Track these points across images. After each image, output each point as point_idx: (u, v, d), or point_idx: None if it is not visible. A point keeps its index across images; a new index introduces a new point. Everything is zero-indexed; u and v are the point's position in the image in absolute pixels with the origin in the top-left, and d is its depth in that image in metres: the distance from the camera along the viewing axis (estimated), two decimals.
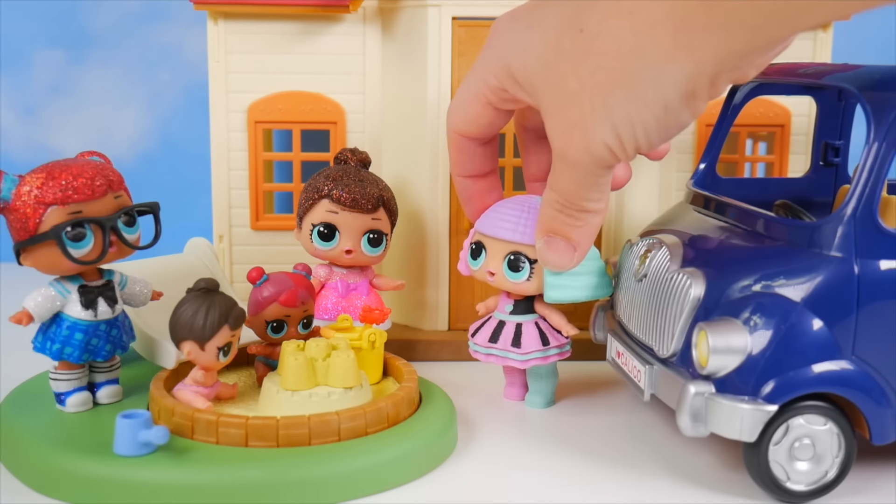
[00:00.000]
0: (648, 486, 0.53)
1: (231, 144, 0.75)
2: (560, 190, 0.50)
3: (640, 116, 0.45)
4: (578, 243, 0.53)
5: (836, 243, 0.50)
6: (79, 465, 0.49)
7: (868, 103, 0.50)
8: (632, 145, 0.46)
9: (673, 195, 0.75)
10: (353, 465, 0.50)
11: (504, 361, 0.61)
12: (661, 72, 0.43)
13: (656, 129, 0.45)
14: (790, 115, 0.76)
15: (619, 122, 0.45)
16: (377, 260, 0.67)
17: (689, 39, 0.42)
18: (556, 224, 0.52)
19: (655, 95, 0.44)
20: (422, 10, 0.71)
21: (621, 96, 0.44)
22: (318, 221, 0.65)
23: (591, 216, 0.52)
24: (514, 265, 0.59)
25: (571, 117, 0.46)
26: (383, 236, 0.67)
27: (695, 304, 0.52)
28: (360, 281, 0.67)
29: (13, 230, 0.52)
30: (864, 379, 0.50)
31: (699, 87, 0.44)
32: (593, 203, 0.51)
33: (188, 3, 0.72)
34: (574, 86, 0.45)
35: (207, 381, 0.54)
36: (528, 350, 0.60)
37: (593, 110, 0.45)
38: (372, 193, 0.65)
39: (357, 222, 0.65)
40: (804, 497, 0.51)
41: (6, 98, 0.99)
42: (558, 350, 0.61)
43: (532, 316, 0.61)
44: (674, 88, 0.43)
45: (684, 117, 0.45)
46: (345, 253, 0.65)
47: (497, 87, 0.51)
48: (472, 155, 0.58)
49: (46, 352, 0.54)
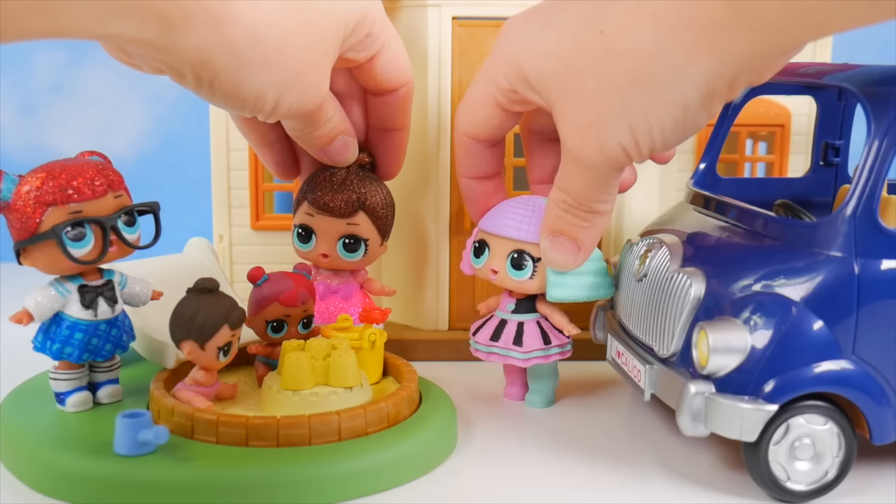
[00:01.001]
0: (648, 486, 0.53)
1: (231, 144, 0.75)
2: (569, 190, 0.50)
3: (658, 117, 0.45)
4: (584, 244, 0.53)
5: (836, 243, 0.50)
6: (79, 465, 0.49)
7: (868, 103, 0.50)
8: (647, 146, 0.46)
9: (673, 195, 0.75)
10: (353, 465, 0.50)
11: (505, 360, 0.61)
12: (683, 72, 0.43)
13: (673, 130, 0.45)
14: (790, 115, 0.76)
15: (636, 122, 0.45)
16: (358, 265, 0.66)
17: (713, 40, 0.42)
18: (562, 224, 0.52)
19: (675, 96, 0.44)
20: (422, 10, 0.71)
21: (640, 96, 0.44)
22: (298, 223, 0.65)
23: (599, 217, 0.52)
24: (517, 263, 0.59)
25: (587, 117, 0.46)
26: (360, 242, 0.65)
27: (695, 303, 0.52)
28: (343, 284, 0.67)
29: (13, 230, 0.52)
30: (864, 379, 0.50)
31: (719, 88, 0.44)
32: (601, 204, 0.51)
33: None
34: (592, 85, 0.45)
35: (207, 381, 0.54)
36: (530, 349, 0.60)
37: (611, 110, 0.45)
38: (348, 199, 0.63)
39: (332, 226, 0.64)
40: (804, 497, 0.51)
41: (6, 98, 0.99)
42: (559, 349, 0.61)
43: (534, 315, 0.61)
44: (694, 89, 0.43)
45: (702, 118, 0.45)
46: (321, 256, 0.65)
47: (507, 88, 0.51)
48: (479, 157, 0.58)
49: (46, 351, 0.54)
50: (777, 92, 0.68)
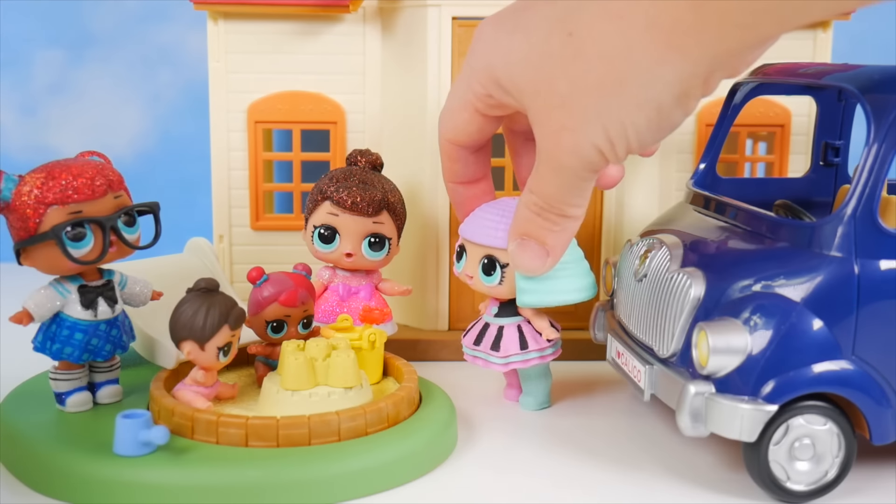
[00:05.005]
0: (648, 486, 0.53)
1: (231, 144, 0.75)
2: (541, 192, 0.50)
3: (632, 118, 0.44)
4: (552, 248, 0.52)
5: (836, 243, 0.50)
6: (79, 465, 0.49)
7: (868, 103, 0.50)
8: (623, 147, 0.45)
9: (673, 195, 0.75)
10: (353, 465, 0.50)
11: (487, 365, 0.61)
12: (653, 74, 0.43)
13: (648, 131, 0.45)
14: (790, 115, 0.76)
15: (610, 123, 0.44)
16: (380, 264, 0.67)
17: (681, 41, 0.42)
18: (531, 227, 0.52)
19: (648, 97, 0.43)
20: (422, 10, 0.71)
21: (613, 99, 0.44)
22: (320, 223, 0.65)
23: (570, 222, 0.51)
24: (486, 269, 0.59)
25: (561, 120, 0.46)
26: (385, 240, 0.66)
27: (695, 304, 0.52)
28: (363, 284, 0.67)
29: (13, 230, 0.52)
30: (864, 379, 0.50)
31: (692, 87, 0.44)
32: (573, 208, 0.50)
33: (188, 3, 0.72)
34: (564, 88, 0.45)
35: (207, 381, 0.54)
36: (507, 353, 0.60)
37: (584, 113, 0.45)
38: (374, 196, 0.65)
39: (357, 225, 0.65)
40: (804, 497, 0.51)
41: (6, 98, 0.99)
42: (539, 353, 0.60)
43: (515, 319, 0.61)
44: (667, 90, 0.43)
45: (677, 117, 0.45)
46: (345, 256, 0.65)
47: (483, 93, 0.51)
48: (463, 162, 0.57)
49: (46, 352, 0.54)
50: (777, 92, 0.68)
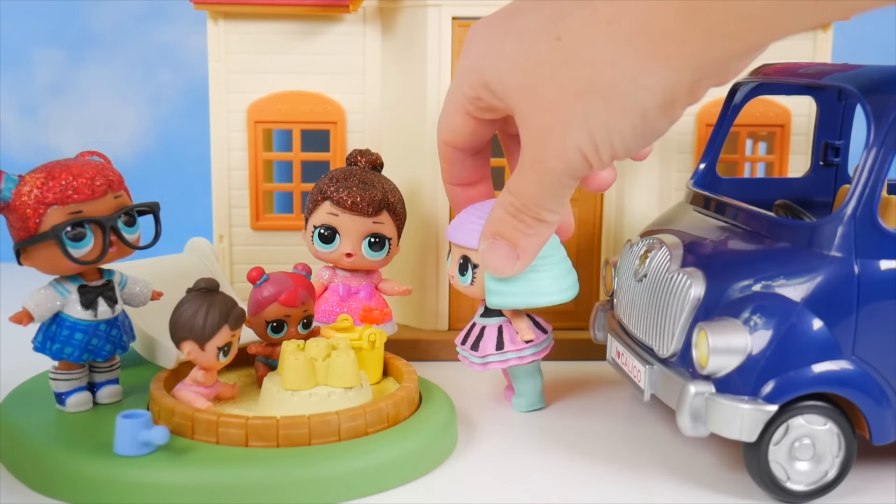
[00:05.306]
0: (648, 487, 0.53)
1: (231, 144, 0.75)
2: (520, 194, 0.49)
3: (617, 125, 0.44)
4: (523, 251, 0.52)
5: (836, 243, 0.50)
6: (79, 465, 0.49)
7: (868, 104, 0.50)
8: (607, 153, 0.46)
9: (673, 195, 0.75)
10: (353, 465, 0.50)
11: (471, 365, 0.61)
12: (638, 82, 0.43)
13: (632, 137, 0.45)
14: (790, 115, 0.76)
15: (595, 129, 0.45)
16: (380, 264, 0.67)
17: (668, 50, 0.42)
18: (505, 227, 0.51)
19: (633, 105, 0.44)
20: (422, 10, 0.71)
21: (599, 105, 0.44)
22: (320, 223, 0.65)
23: (544, 227, 0.50)
24: (461, 269, 0.59)
25: (547, 123, 0.46)
26: (385, 240, 0.66)
27: (695, 304, 0.52)
28: (363, 284, 0.67)
29: (13, 230, 0.52)
30: (864, 379, 0.50)
31: (678, 95, 0.44)
32: (550, 214, 0.50)
33: (188, 3, 0.72)
34: (551, 93, 0.45)
35: (207, 381, 0.54)
36: (484, 353, 0.60)
37: (570, 117, 0.45)
38: (374, 196, 0.64)
39: (357, 225, 0.65)
40: (804, 497, 0.51)
41: (6, 98, 0.99)
42: (516, 354, 0.60)
43: (498, 319, 0.60)
44: (652, 98, 0.43)
45: (662, 125, 0.45)
46: (345, 256, 0.65)
47: (473, 96, 0.51)
48: (460, 165, 0.57)
49: (46, 352, 0.54)
50: (777, 92, 0.68)
